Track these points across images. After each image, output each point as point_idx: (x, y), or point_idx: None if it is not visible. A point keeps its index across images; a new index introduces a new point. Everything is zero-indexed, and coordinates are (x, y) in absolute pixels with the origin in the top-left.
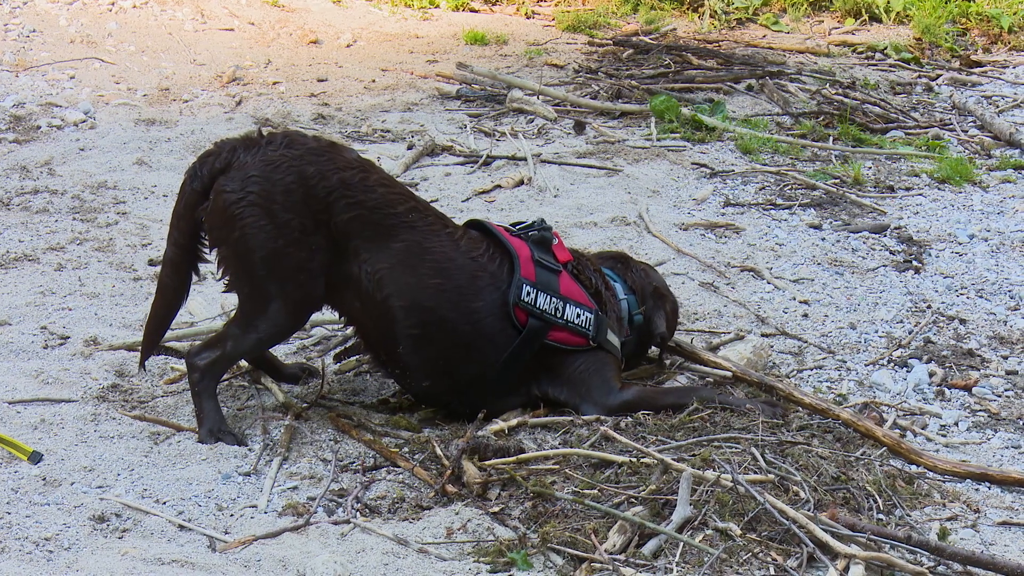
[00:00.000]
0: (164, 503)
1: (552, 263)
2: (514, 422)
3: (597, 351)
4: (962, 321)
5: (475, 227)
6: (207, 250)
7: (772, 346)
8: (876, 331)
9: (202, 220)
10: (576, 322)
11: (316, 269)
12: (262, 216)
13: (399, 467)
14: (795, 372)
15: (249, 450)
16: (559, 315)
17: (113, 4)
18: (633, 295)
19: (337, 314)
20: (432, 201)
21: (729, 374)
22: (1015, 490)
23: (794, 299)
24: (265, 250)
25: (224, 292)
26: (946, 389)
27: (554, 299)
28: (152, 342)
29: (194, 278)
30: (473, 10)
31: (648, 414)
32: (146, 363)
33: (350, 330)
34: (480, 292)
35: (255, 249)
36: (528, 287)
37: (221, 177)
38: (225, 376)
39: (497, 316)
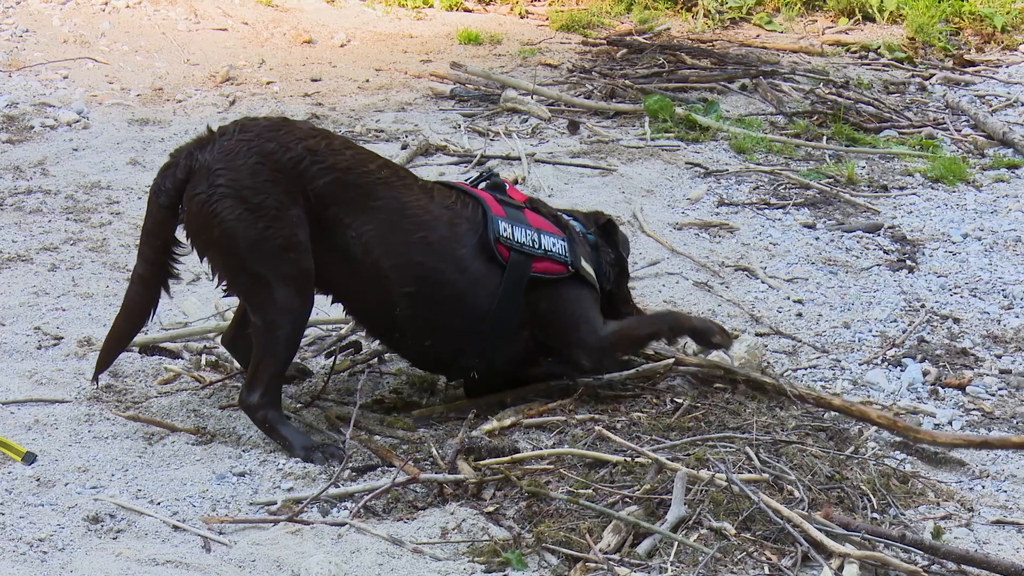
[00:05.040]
0: (158, 504)
1: (514, 202)
2: (508, 422)
3: (578, 284)
4: (956, 320)
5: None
6: (177, 267)
7: (766, 345)
8: (870, 330)
9: (175, 235)
10: (554, 250)
11: (303, 243)
12: (236, 206)
13: (394, 467)
14: (789, 371)
15: (244, 450)
16: (537, 246)
17: (106, 4)
18: (578, 223)
19: (327, 294)
20: None
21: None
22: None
23: (788, 298)
24: (249, 239)
25: (224, 297)
26: (940, 388)
27: (528, 231)
28: (109, 359)
29: (163, 295)
30: (467, 10)
31: (642, 413)
32: (99, 378)
33: (340, 307)
34: (462, 238)
35: (239, 240)
36: (503, 223)
37: (187, 185)
38: (219, 378)
39: (481, 259)
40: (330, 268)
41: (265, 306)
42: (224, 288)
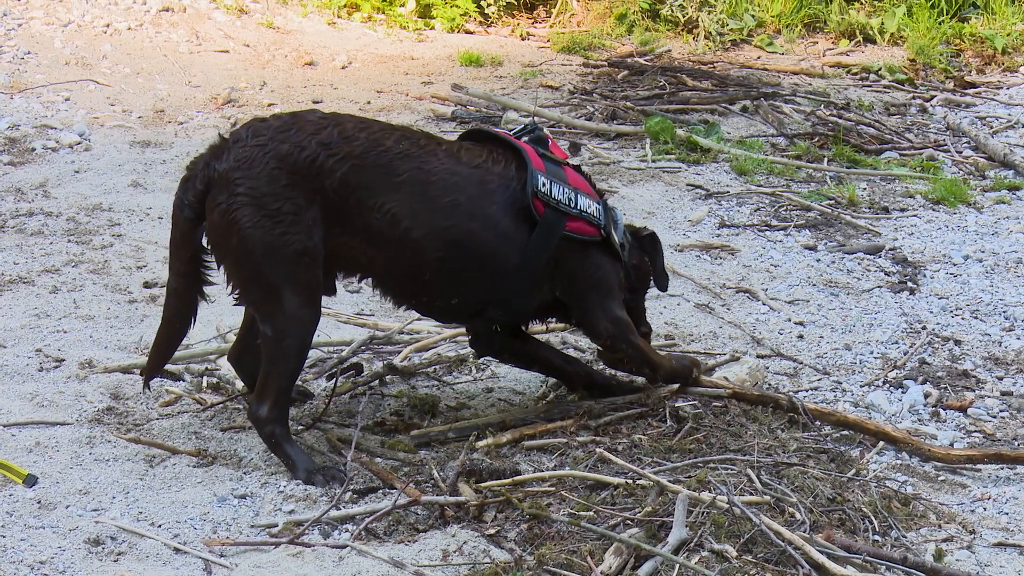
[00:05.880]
0: (159, 526)
1: (556, 158)
2: (504, 438)
3: (606, 251)
4: (957, 342)
5: (472, 136)
6: (210, 274)
7: (767, 367)
8: (871, 352)
9: (203, 244)
10: (588, 211)
11: (317, 246)
12: (255, 213)
13: (395, 489)
14: (791, 393)
15: (245, 473)
16: (573, 205)
17: (108, 26)
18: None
19: (353, 275)
20: None
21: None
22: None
23: (789, 320)
24: (265, 244)
25: (236, 305)
26: (941, 410)
27: (566, 189)
28: (153, 373)
29: (201, 304)
30: (468, 32)
31: (643, 435)
32: (149, 384)
33: (365, 283)
34: (492, 195)
35: (255, 247)
36: (543, 178)
37: (208, 196)
38: (220, 400)
39: (511, 215)
40: (356, 250)
41: (275, 314)
42: (236, 297)
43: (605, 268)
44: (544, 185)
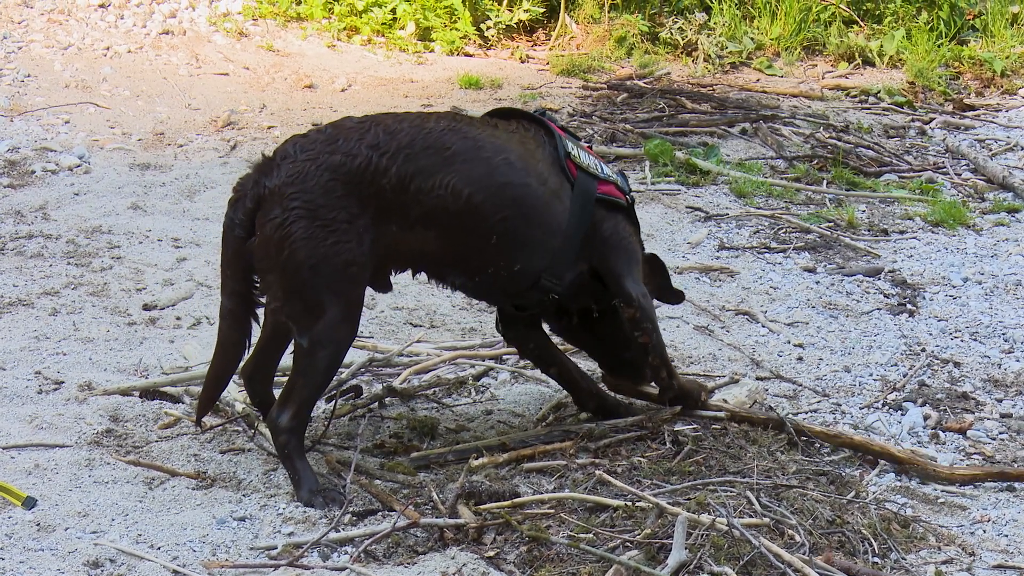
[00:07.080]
0: (158, 548)
1: (572, 132)
2: (502, 459)
3: (630, 221)
4: (956, 364)
5: (493, 115)
6: (260, 294)
7: (767, 389)
8: (871, 374)
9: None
10: (614, 177)
11: (364, 258)
12: (309, 225)
13: (395, 511)
14: (790, 415)
15: (244, 495)
16: (600, 171)
17: (108, 49)
18: None
19: (407, 270)
20: None
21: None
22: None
23: (788, 342)
24: (317, 255)
25: (272, 317)
26: (941, 432)
27: (590, 156)
28: (212, 398)
29: (254, 326)
30: (467, 54)
31: (643, 457)
32: (203, 419)
33: (418, 276)
34: (535, 153)
35: (306, 258)
36: (570, 142)
37: (259, 213)
38: (220, 422)
39: (555, 173)
40: (414, 243)
41: (313, 326)
42: (273, 309)
43: (633, 237)
44: (573, 149)
